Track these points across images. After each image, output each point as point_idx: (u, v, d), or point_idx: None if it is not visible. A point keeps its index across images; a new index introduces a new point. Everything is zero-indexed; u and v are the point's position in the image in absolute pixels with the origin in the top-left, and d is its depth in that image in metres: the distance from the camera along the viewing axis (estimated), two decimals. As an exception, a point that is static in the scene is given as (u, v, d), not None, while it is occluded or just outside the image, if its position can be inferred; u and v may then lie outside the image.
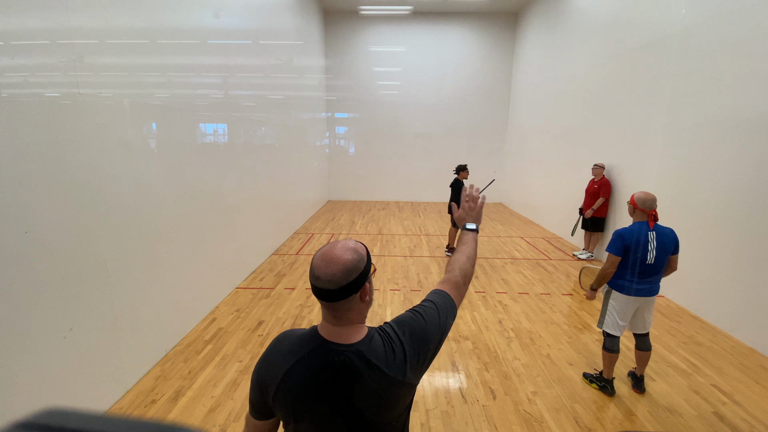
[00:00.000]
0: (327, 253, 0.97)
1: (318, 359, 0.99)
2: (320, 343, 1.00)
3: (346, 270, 0.95)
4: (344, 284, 0.95)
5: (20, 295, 2.04)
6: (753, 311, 3.66)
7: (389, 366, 1.01)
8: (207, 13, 4.16)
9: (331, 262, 0.95)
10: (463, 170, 6.05)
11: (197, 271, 3.93)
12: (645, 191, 2.76)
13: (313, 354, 0.99)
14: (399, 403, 1.07)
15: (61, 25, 2.30)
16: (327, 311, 1.00)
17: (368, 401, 1.00)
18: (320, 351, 0.99)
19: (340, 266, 0.95)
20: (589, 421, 2.66)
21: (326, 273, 0.95)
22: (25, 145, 2.07)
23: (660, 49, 5.00)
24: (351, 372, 0.98)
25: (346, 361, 0.98)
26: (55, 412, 0.28)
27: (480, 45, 11.19)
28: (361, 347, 1.00)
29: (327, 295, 0.96)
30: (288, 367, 1.00)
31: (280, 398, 1.00)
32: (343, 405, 0.99)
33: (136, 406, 2.75)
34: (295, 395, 0.99)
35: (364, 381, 0.98)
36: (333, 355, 0.98)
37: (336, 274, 0.94)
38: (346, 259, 0.96)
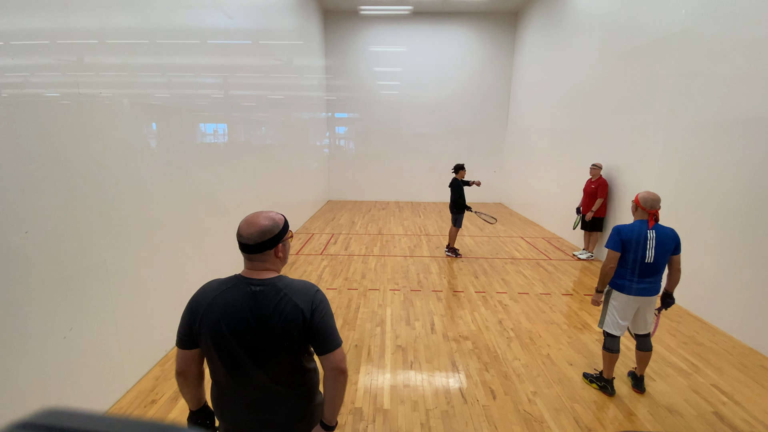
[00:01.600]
0: (250, 218, 1.30)
1: (238, 289, 1.28)
2: (240, 279, 1.31)
3: (261, 232, 1.27)
4: (259, 242, 1.27)
5: (20, 295, 2.04)
6: (753, 311, 3.66)
7: (295, 295, 1.29)
8: (207, 13, 4.16)
9: (251, 225, 1.28)
10: (461, 169, 6.05)
11: (197, 270, 3.93)
12: (649, 191, 2.75)
13: (234, 286, 1.29)
14: (298, 337, 1.28)
15: (61, 25, 2.30)
16: (247, 261, 1.32)
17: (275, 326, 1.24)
18: (240, 284, 1.29)
19: (257, 228, 1.27)
20: (589, 421, 2.66)
21: (246, 232, 1.28)
22: (25, 145, 2.07)
23: (660, 50, 5.00)
24: (266, 295, 1.26)
25: (261, 289, 1.27)
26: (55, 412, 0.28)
27: (480, 45, 11.19)
28: (274, 280, 1.30)
29: (245, 248, 1.29)
30: (214, 296, 1.28)
31: (205, 323, 1.26)
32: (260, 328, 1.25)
33: (136, 406, 2.74)
34: (216, 319, 1.25)
35: (274, 302, 1.26)
36: (250, 286, 1.28)
37: (253, 234, 1.27)
38: (262, 224, 1.28)
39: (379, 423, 2.61)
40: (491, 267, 5.86)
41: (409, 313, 4.26)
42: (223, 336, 1.25)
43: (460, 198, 6.04)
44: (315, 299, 1.31)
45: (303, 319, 1.27)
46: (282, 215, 1.35)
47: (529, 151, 9.86)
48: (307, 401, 1.40)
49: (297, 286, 1.32)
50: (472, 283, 5.21)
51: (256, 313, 1.25)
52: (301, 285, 1.33)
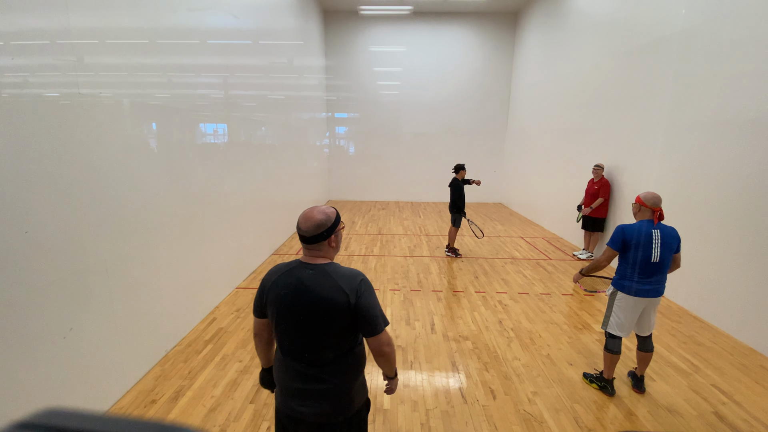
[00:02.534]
0: (307, 213, 1.52)
1: (296, 272, 1.50)
2: (300, 263, 1.53)
3: (316, 225, 1.48)
4: (315, 234, 1.48)
5: (20, 295, 2.04)
6: (753, 311, 3.66)
7: (342, 279, 1.47)
8: (207, 13, 4.16)
9: (307, 220, 1.49)
10: (461, 169, 6.05)
11: (197, 271, 3.93)
12: (650, 191, 2.77)
13: (293, 269, 1.51)
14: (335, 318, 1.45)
15: (61, 25, 2.30)
16: (305, 249, 1.54)
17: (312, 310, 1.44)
18: (298, 267, 1.51)
19: (313, 222, 1.48)
20: (589, 421, 2.66)
21: (304, 226, 1.49)
22: (25, 145, 2.07)
23: (660, 50, 5.00)
24: (317, 278, 1.47)
25: (312, 272, 1.48)
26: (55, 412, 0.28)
27: (480, 45, 11.19)
28: (325, 266, 1.50)
29: (304, 239, 1.51)
30: (277, 276, 1.52)
31: (270, 297, 1.50)
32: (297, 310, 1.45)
33: (136, 406, 2.75)
34: (278, 294, 1.48)
35: (319, 288, 1.45)
36: (306, 269, 1.49)
37: (310, 228, 1.48)
38: (317, 219, 1.49)
39: (379, 423, 2.61)
40: (491, 267, 5.86)
41: (409, 313, 4.26)
42: (281, 310, 1.47)
43: (459, 199, 6.04)
44: (360, 286, 1.48)
45: (347, 303, 1.44)
46: (334, 209, 1.55)
47: (529, 151, 9.86)
48: (349, 379, 1.54)
49: (344, 272, 1.51)
50: (472, 283, 5.21)
51: (306, 292, 1.44)
52: (349, 272, 1.51)
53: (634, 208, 2.80)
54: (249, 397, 2.84)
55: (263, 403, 2.78)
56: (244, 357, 3.35)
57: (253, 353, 3.40)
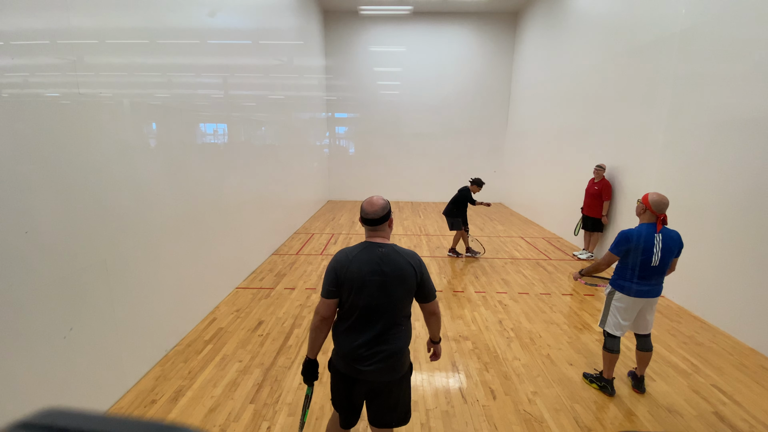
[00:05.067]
0: (371, 200, 1.83)
1: (370, 250, 1.77)
2: (369, 243, 1.80)
3: (382, 208, 1.81)
4: (381, 215, 1.80)
5: (20, 295, 2.04)
6: (753, 311, 3.66)
7: (409, 257, 1.80)
8: (206, 12, 4.16)
9: (373, 205, 1.81)
10: (476, 185, 5.99)
11: (197, 271, 3.93)
12: (659, 193, 2.67)
13: (366, 248, 1.78)
14: (411, 286, 1.77)
15: (61, 25, 2.30)
16: (370, 232, 1.83)
17: (396, 277, 1.73)
18: (370, 247, 1.78)
19: (379, 206, 1.80)
20: (589, 421, 2.66)
21: (371, 210, 1.80)
22: (25, 145, 2.07)
23: (660, 50, 5.00)
24: (390, 255, 1.76)
25: (385, 250, 1.77)
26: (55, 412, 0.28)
27: (480, 45, 11.19)
28: (392, 245, 1.81)
29: (373, 222, 1.80)
30: (352, 256, 1.76)
31: (348, 276, 1.72)
32: (385, 277, 1.72)
33: (136, 406, 2.75)
34: (358, 272, 1.72)
35: (397, 261, 1.75)
36: (378, 247, 1.77)
37: (378, 210, 1.80)
38: (381, 203, 1.82)
39: (379, 423, 2.61)
40: (491, 267, 5.86)
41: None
42: (367, 281, 1.71)
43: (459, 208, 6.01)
44: (421, 262, 1.82)
45: (415, 275, 1.76)
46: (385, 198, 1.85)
47: (529, 151, 9.86)
48: (407, 341, 1.84)
49: (407, 251, 1.81)
50: (472, 283, 5.21)
51: (385, 265, 1.72)
52: (409, 251, 1.83)
53: (638, 207, 2.74)
54: (249, 397, 2.84)
55: (263, 403, 2.78)
56: (244, 357, 3.35)
57: (253, 353, 3.40)
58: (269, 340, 3.63)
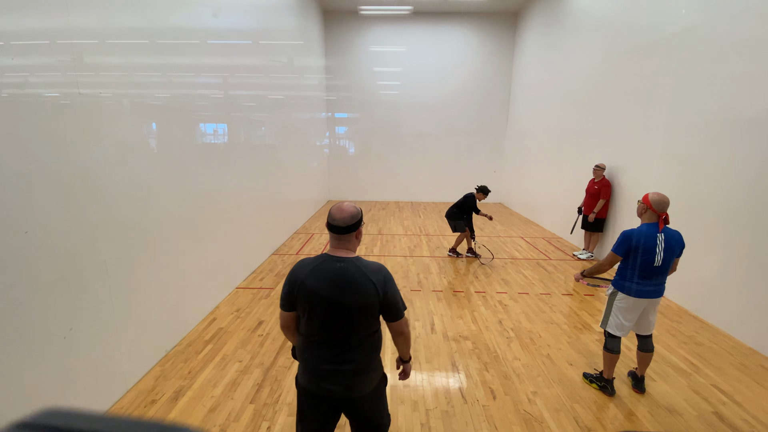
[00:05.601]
0: (339, 206, 1.67)
1: (327, 264, 1.61)
2: (329, 257, 1.64)
3: (351, 216, 1.64)
4: (349, 224, 1.63)
5: (20, 295, 2.04)
6: (753, 311, 3.66)
7: (371, 272, 1.61)
8: (207, 13, 4.16)
9: (342, 212, 1.64)
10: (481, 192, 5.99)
11: (197, 271, 3.93)
12: (659, 192, 2.65)
13: (324, 262, 1.62)
14: (370, 305, 1.60)
15: (61, 25, 2.30)
16: (334, 241, 1.67)
17: (353, 296, 1.57)
18: (329, 260, 1.63)
19: (347, 214, 1.64)
20: (589, 421, 2.66)
21: (339, 217, 1.63)
22: (25, 145, 2.07)
23: (660, 49, 5.00)
24: (349, 271, 1.59)
25: (344, 266, 1.60)
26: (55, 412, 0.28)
27: (480, 45, 11.19)
28: (353, 259, 1.64)
29: (338, 230, 1.63)
30: (308, 270, 1.61)
31: (302, 292, 1.59)
32: (340, 297, 1.56)
33: (136, 406, 2.75)
34: (311, 289, 1.58)
35: (355, 278, 1.59)
36: (337, 262, 1.61)
37: (345, 218, 1.63)
38: (351, 211, 1.65)
39: (379, 423, 2.61)
40: (491, 267, 5.86)
41: (409, 313, 4.26)
42: (319, 299, 1.57)
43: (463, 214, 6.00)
44: (386, 278, 1.64)
45: (376, 293, 1.60)
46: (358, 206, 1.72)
47: (529, 151, 9.86)
48: (373, 356, 1.73)
49: (371, 266, 1.64)
50: (472, 283, 5.21)
51: (342, 282, 1.57)
52: (374, 265, 1.65)
53: (639, 207, 2.72)
54: (249, 397, 2.84)
55: (263, 403, 2.78)
56: (244, 357, 3.35)
57: (253, 353, 3.40)
58: (269, 340, 3.63)
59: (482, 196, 6.00)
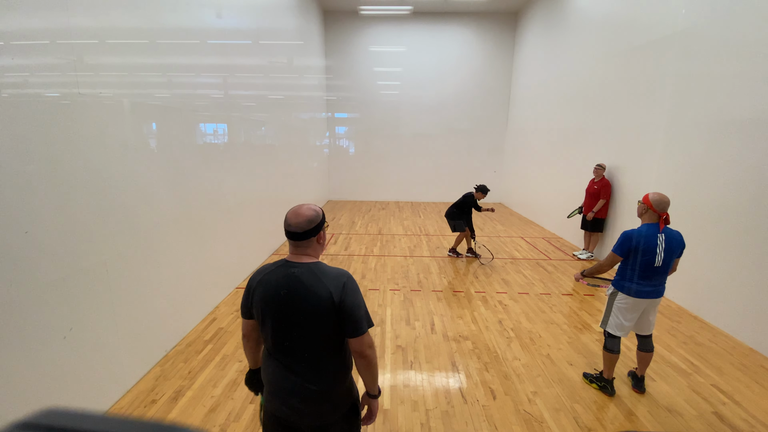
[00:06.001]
0: (295, 209, 1.49)
1: (281, 271, 1.47)
2: (285, 262, 1.50)
3: (308, 220, 1.47)
4: (306, 229, 1.47)
5: (20, 295, 2.04)
6: (753, 311, 3.66)
7: (327, 279, 1.44)
8: (207, 13, 4.16)
9: (298, 216, 1.47)
10: (480, 191, 5.99)
11: (197, 271, 3.93)
12: (659, 192, 2.65)
13: (279, 268, 1.49)
14: (324, 315, 1.42)
15: (61, 25, 2.30)
16: (293, 247, 1.50)
17: (302, 303, 1.41)
18: (284, 266, 1.48)
19: (304, 218, 1.47)
20: (589, 421, 2.66)
21: (295, 222, 1.46)
22: (25, 145, 2.07)
23: (660, 49, 5.00)
24: (303, 276, 1.44)
25: (299, 271, 1.45)
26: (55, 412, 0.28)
27: (480, 45, 11.19)
28: (311, 265, 1.47)
29: (294, 236, 1.47)
30: (262, 275, 1.49)
31: (255, 298, 1.48)
32: (288, 306, 1.42)
33: (136, 406, 2.75)
34: (264, 294, 1.46)
35: (308, 285, 1.42)
36: (291, 268, 1.46)
37: (301, 223, 1.46)
38: (307, 214, 1.48)
39: (379, 423, 2.61)
40: (491, 267, 5.86)
41: (409, 313, 4.26)
42: (267, 310, 1.45)
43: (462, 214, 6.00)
44: (346, 286, 1.44)
45: (332, 303, 1.41)
46: (320, 208, 1.55)
47: (529, 151, 9.86)
48: (340, 378, 1.52)
49: (330, 271, 1.47)
50: (472, 283, 5.21)
51: (291, 291, 1.42)
52: (335, 271, 1.48)
53: (640, 208, 2.72)
54: (249, 397, 2.84)
55: (263, 403, 2.78)
56: (244, 357, 3.34)
57: (253, 353, 3.40)
58: (269, 340, 3.63)
59: (481, 195, 6.00)
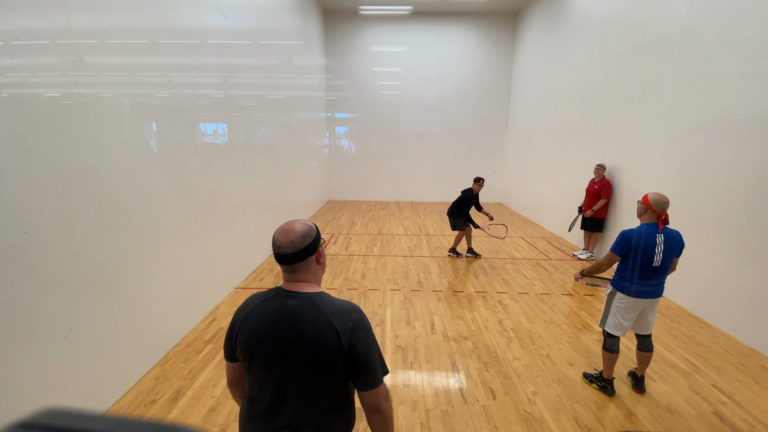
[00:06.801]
0: (284, 227, 1.21)
1: (275, 302, 1.20)
2: (279, 291, 1.23)
3: (302, 236, 1.20)
4: (302, 247, 1.19)
5: (20, 295, 2.04)
6: (753, 311, 3.66)
7: (334, 315, 1.17)
8: (207, 13, 4.16)
9: (289, 233, 1.19)
10: (476, 182, 6.03)
11: (197, 271, 3.93)
12: (659, 192, 2.65)
13: (272, 298, 1.21)
14: (330, 361, 1.16)
15: (61, 25, 2.30)
16: (288, 273, 1.23)
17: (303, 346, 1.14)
18: (278, 296, 1.21)
19: (297, 234, 1.19)
20: (589, 421, 2.66)
21: (286, 241, 1.18)
22: (25, 145, 2.07)
23: (660, 49, 5.00)
24: (303, 312, 1.17)
25: (298, 303, 1.18)
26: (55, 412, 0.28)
27: (480, 45, 11.19)
28: (312, 295, 1.20)
29: (287, 259, 1.19)
30: (251, 308, 1.22)
31: (240, 337, 1.20)
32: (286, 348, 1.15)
33: (136, 406, 2.75)
34: (253, 331, 1.18)
35: (310, 322, 1.15)
36: (288, 299, 1.19)
37: (294, 240, 1.18)
38: (300, 229, 1.21)
39: (379, 423, 2.61)
40: (491, 267, 5.86)
41: (409, 313, 4.26)
42: (257, 350, 1.17)
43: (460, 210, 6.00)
44: (357, 325, 1.17)
45: (339, 346, 1.14)
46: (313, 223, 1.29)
47: (529, 151, 9.86)
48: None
49: (338, 305, 1.20)
50: (472, 283, 5.21)
51: (287, 329, 1.15)
52: (343, 305, 1.21)
53: (639, 208, 2.72)
54: (249, 397, 2.84)
55: (263, 403, 2.78)
56: (244, 357, 3.35)
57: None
58: (269, 340, 3.63)
59: (477, 186, 6.02)
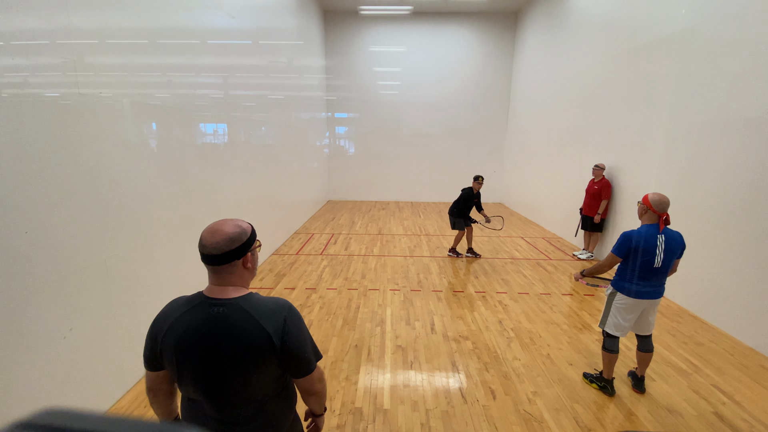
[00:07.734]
0: (213, 226, 1.16)
1: (198, 311, 1.15)
2: (203, 299, 1.18)
3: (229, 239, 1.14)
4: (226, 251, 1.14)
5: (20, 295, 2.04)
6: (753, 311, 3.66)
7: (263, 317, 1.15)
8: (207, 13, 4.16)
9: (216, 233, 1.14)
10: (475, 180, 6.04)
11: (197, 270, 3.92)
12: (659, 193, 2.64)
13: (195, 308, 1.16)
14: (263, 361, 1.16)
15: (61, 25, 2.30)
16: (212, 275, 1.19)
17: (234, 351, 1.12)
18: (201, 305, 1.16)
19: (223, 236, 1.14)
20: (589, 421, 2.66)
21: (211, 242, 1.14)
22: (25, 145, 2.07)
23: (660, 49, 5.00)
24: (230, 318, 1.14)
25: (224, 311, 1.14)
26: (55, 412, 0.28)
27: (480, 45, 11.19)
28: (239, 300, 1.16)
29: (210, 260, 1.15)
30: (173, 319, 1.17)
31: (165, 348, 1.16)
32: (215, 356, 1.13)
33: (136, 406, 2.75)
34: (176, 344, 1.14)
35: (239, 328, 1.13)
36: (212, 308, 1.15)
37: (219, 242, 1.13)
38: (229, 231, 1.15)
39: (379, 423, 2.61)
40: (491, 267, 5.86)
41: (409, 313, 4.26)
42: (187, 362, 1.15)
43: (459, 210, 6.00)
44: (287, 323, 1.18)
45: (272, 346, 1.14)
46: (249, 223, 1.24)
47: (529, 151, 9.86)
48: (283, 417, 1.31)
49: (266, 305, 1.18)
50: (472, 283, 5.21)
51: (217, 335, 1.12)
52: (272, 304, 1.19)
53: (640, 209, 2.71)
54: (249, 397, 2.84)
55: (263, 403, 2.78)
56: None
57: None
58: (269, 340, 3.62)
59: (477, 185, 6.02)
